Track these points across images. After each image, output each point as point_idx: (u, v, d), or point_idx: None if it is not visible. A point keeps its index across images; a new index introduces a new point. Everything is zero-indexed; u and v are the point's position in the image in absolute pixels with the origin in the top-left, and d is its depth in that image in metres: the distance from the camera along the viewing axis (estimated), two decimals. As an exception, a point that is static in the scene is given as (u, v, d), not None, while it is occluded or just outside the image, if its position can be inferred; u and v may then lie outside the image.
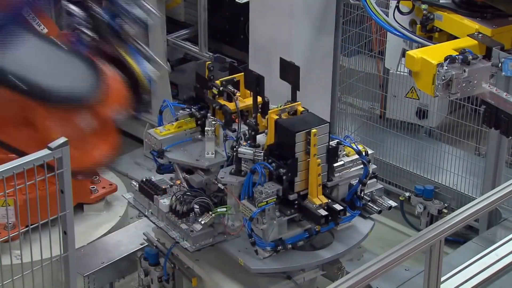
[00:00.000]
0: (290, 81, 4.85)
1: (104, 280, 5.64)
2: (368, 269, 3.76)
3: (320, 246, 4.80)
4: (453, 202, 6.80)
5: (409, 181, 7.06)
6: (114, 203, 6.68)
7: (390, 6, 5.84)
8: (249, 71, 4.86)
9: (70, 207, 3.99)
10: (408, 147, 7.10)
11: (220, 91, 5.01)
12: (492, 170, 6.42)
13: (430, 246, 3.97)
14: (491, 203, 4.23)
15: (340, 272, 4.79)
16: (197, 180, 4.88)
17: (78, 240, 4.34)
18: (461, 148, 7.00)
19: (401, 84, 7.20)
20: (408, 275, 5.80)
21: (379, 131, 7.22)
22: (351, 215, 4.71)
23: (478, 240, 6.40)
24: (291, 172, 4.51)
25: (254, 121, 4.77)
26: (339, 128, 7.19)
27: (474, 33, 4.87)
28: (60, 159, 3.86)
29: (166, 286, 5.27)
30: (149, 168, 7.63)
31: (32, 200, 3.93)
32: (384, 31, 7.35)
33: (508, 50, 4.76)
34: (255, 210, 4.44)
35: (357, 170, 4.76)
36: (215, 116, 5.00)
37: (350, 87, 7.26)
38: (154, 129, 5.09)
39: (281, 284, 4.77)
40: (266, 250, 4.58)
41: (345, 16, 6.82)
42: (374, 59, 7.50)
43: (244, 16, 7.26)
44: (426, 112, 7.21)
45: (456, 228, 4.07)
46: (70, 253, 4.07)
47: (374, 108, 7.64)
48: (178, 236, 4.83)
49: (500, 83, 6.15)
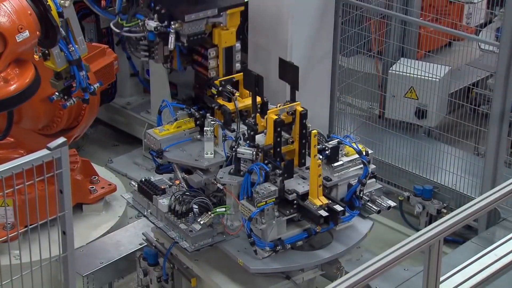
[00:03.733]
0: (289, 81, 4.85)
1: (103, 280, 5.64)
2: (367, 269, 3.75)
3: (319, 246, 4.80)
4: (452, 202, 6.80)
5: (408, 181, 7.05)
6: (113, 203, 6.68)
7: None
8: (248, 71, 4.86)
9: (69, 207, 3.99)
10: (407, 147, 7.09)
11: (219, 91, 5.01)
12: (491, 170, 6.42)
13: (429, 246, 3.97)
14: (490, 203, 4.23)
15: (339, 272, 4.79)
16: (196, 180, 4.88)
17: (77, 240, 4.35)
18: (460, 148, 6.99)
19: (400, 84, 7.20)
20: (407, 275, 5.81)
21: (378, 131, 7.21)
22: (350, 215, 4.71)
23: (477, 240, 6.40)
24: (288, 173, 4.52)
25: (253, 121, 4.77)
26: (338, 128, 7.19)
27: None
28: (59, 159, 3.86)
29: (165, 286, 5.27)
30: (148, 168, 7.63)
31: (31, 200, 3.93)
32: (383, 31, 7.35)
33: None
34: (254, 210, 4.45)
35: (356, 170, 4.76)
36: (214, 116, 5.00)
37: (349, 87, 7.25)
38: (153, 129, 5.09)
39: (280, 284, 4.77)
40: (265, 250, 4.59)
41: (344, 16, 6.82)
42: (373, 59, 7.49)
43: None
44: (425, 112, 7.20)
45: (455, 228, 4.06)
46: (69, 253, 4.07)
47: (373, 108, 7.63)
48: (177, 236, 4.84)
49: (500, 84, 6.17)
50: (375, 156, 6.25)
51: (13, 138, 6.22)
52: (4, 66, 5.05)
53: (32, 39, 5.02)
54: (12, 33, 4.93)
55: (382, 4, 7.21)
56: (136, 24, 5.18)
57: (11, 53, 5.01)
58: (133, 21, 5.20)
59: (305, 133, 4.73)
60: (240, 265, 4.68)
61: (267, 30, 6.47)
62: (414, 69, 7.14)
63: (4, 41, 4.93)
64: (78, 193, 6.35)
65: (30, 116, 6.08)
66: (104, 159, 7.90)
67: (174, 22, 5.03)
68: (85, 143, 8.15)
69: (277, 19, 6.41)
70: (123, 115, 8.33)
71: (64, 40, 5.21)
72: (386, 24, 7.33)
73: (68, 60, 5.34)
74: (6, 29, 4.89)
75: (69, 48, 5.27)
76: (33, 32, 4.98)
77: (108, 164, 7.84)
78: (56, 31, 5.04)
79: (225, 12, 5.21)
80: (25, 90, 5.13)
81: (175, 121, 5.10)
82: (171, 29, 5.03)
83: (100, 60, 6.47)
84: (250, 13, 6.56)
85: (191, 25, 5.06)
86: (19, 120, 6.03)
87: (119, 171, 7.74)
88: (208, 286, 4.93)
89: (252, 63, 6.61)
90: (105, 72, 6.47)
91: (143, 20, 5.13)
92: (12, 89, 5.07)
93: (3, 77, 5.06)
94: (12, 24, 4.90)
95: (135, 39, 5.25)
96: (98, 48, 6.51)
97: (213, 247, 4.84)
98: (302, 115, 4.70)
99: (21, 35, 4.97)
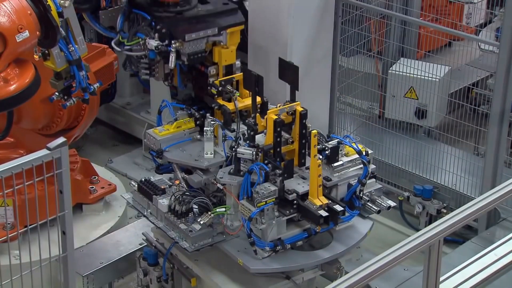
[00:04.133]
0: (289, 81, 4.85)
1: (103, 280, 5.64)
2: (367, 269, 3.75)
3: (319, 246, 4.80)
4: (452, 202, 6.80)
5: (408, 181, 7.05)
6: (113, 203, 6.68)
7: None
8: (248, 71, 4.86)
9: (69, 207, 3.99)
10: (407, 147, 7.09)
11: (219, 91, 5.02)
12: (491, 170, 6.42)
13: (429, 246, 3.97)
14: (490, 203, 4.22)
15: (339, 272, 4.79)
16: (196, 180, 4.88)
17: (77, 240, 4.35)
18: (460, 148, 6.99)
19: (400, 84, 7.20)
20: (407, 275, 5.81)
21: (378, 131, 7.21)
22: (350, 215, 4.71)
23: (477, 240, 6.40)
24: (287, 173, 4.52)
25: (253, 121, 4.77)
26: (338, 128, 7.19)
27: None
28: (59, 159, 3.86)
29: (165, 286, 5.27)
30: (148, 168, 7.63)
31: (31, 200, 3.93)
32: (383, 31, 7.35)
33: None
34: (254, 210, 4.44)
35: (356, 170, 4.76)
36: (214, 116, 5.00)
37: (349, 87, 7.25)
38: (153, 129, 5.09)
39: (280, 284, 4.77)
40: (265, 250, 4.59)
41: (344, 16, 6.81)
42: (373, 59, 7.49)
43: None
44: (425, 112, 7.20)
45: (455, 228, 4.06)
46: (69, 253, 4.07)
47: (373, 108, 7.63)
48: (177, 236, 4.83)
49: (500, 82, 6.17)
50: (375, 156, 6.25)
51: (13, 138, 6.23)
52: (4, 66, 5.04)
53: (32, 39, 5.01)
54: (12, 33, 4.92)
55: (382, 4, 7.20)
56: (137, 42, 5.21)
57: (11, 53, 5.01)
58: (134, 40, 5.24)
59: (305, 133, 4.73)
60: (240, 265, 4.68)
61: (267, 30, 6.47)
62: (414, 69, 7.14)
63: (4, 41, 4.93)
64: (78, 193, 6.35)
65: (30, 116, 6.08)
66: (104, 159, 7.90)
67: (174, 41, 5.07)
68: (85, 143, 8.15)
69: (277, 19, 6.41)
70: (123, 115, 8.33)
71: (64, 40, 5.21)
72: (386, 24, 7.33)
73: (68, 60, 5.34)
74: (6, 29, 4.89)
75: (69, 48, 5.27)
76: (33, 32, 4.98)
77: (108, 164, 7.84)
78: (56, 31, 5.04)
79: (225, 31, 5.23)
80: (25, 90, 5.13)
81: (175, 121, 5.10)
82: (172, 48, 5.07)
83: (100, 60, 6.48)
84: (250, 13, 6.56)
85: (192, 44, 5.11)
86: (19, 120, 6.03)
87: (119, 171, 7.74)
88: (208, 286, 4.93)
89: (252, 63, 6.61)
90: (105, 72, 6.47)
91: (144, 38, 5.16)
92: (12, 89, 5.07)
93: (3, 77, 5.06)
94: (12, 24, 4.90)
95: (136, 57, 5.28)
96: (98, 48, 6.51)
97: (213, 247, 4.84)
98: (302, 115, 4.70)
99: (21, 35, 4.97)
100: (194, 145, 5.03)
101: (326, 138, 4.86)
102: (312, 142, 4.53)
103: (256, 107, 4.82)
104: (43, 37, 5.12)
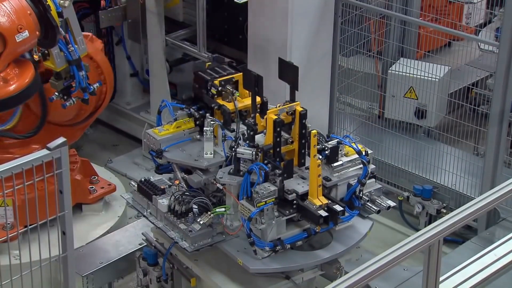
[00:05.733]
0: (289, 81, 4.85)
1: (102, 280, 5.64)
2: (367, 269, 3.75)
3: (319, 246, 4.80)
4: (451, 202, 6.80)
5: (407, 181, 7.05)
6: (112, 203, 6.68)
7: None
8: (248, 71, 4.86)
9: (69, 207, 3.99)
10: (406, 147, 7.09)
11: (218, 91, 5.01)
12: (491, 170, 6.42)
13: (428, 246, 3.97)
14: (489, 203, 4.22)
15: (339, 272, 4.79)
16: (195, 180, 4.87)
17: (76, 240, 4.34)
18: (460, 148, 6.99)
19: (399, 84, 7.20)
20: (407, 275, 5.81)
21: (378, 131, 7.22)
22: (350, 215, 4.71)
23: (476, 240, 6.41)
24: (287, 173, 4.52)
25: (252, 121, 4.77)
26: (337, 128, 7.19)
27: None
28: (58, 159, 3.86)
29: (164, 286, 5.27)
30: (147, 168, 7.63)
31: (30, 200, 3.93)
32: (383, 31, 7.36)
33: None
34: (254, 210, 4.44)
35: (356, 170, 4.76)
36: (214, 116, 5.00)
37: (349, 87, 7.26)
38: (153, 129, 5.09)
39: (280, 284, 4.77)
40: (265, 250, 4.59)
41: (343, 16, 6.82)
42: (372, 59, 7.49)
43: (243, 16, 7.26)
44: (424, 112, 7.21)
45: (454, 228, 4.06)
46: (69, 253, 4.07)
47: (373, 108, 7.63)
48: (177, 236, 4.83)
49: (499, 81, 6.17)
50: (375, 156, 6.25)
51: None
52: (4, 66, 5.05)
53: (32, 39, 5.02)
54: (11, 33, 4.93)
55: (382, 4, 7.20)
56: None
57: (10, 53, 5.01)
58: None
59: (304, 133, 4.74)
60: (239, 265, 4.68)
61: (267, 30, 6.47)
62: (414, 69, 7.14)
63: (4, 41, 4.94)
64: (78, 193, 6.35)
65: (59, 111, 5.93)
66: (103, 159, 7.90)
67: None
68: (84, 143, 8.15)
69: (277, 19, 6.41)
70: (123, 115, 8.33)
71: (63, 40, 5.21)
72: (385, 24, 7.33)
73: (68, 60, 5.34)
74: (6, 29, 4.90)
75: (69, 48, 5.27)
76: (32, 32, 4.99)
77: (107, 164, 7.84)
78: (55, 31, 5.05)
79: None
80: (25, 90, 5.13)
81: (174, 121, 5.10)
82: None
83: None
84: (250, 13, 6.57)
85: None
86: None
87: (119, 171, 7.73)
88: (208, 286, 4.93)
89: (252, 63, 6.62)
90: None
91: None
92: (11, 89, 5.08)
93: (2, 77, 5.06)
94: (11, 24, 4.91)
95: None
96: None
97: (212, 247, 4.84)
98: (302, 115, 4.70)
99: (20, 35, 4.98)
100: (193, 145, 5.03)
101: (326, 138, 4.86)
102: (312, 142, 4.53)
103: (255, 107, 4.82)
104: (43, 37, 5.13)
